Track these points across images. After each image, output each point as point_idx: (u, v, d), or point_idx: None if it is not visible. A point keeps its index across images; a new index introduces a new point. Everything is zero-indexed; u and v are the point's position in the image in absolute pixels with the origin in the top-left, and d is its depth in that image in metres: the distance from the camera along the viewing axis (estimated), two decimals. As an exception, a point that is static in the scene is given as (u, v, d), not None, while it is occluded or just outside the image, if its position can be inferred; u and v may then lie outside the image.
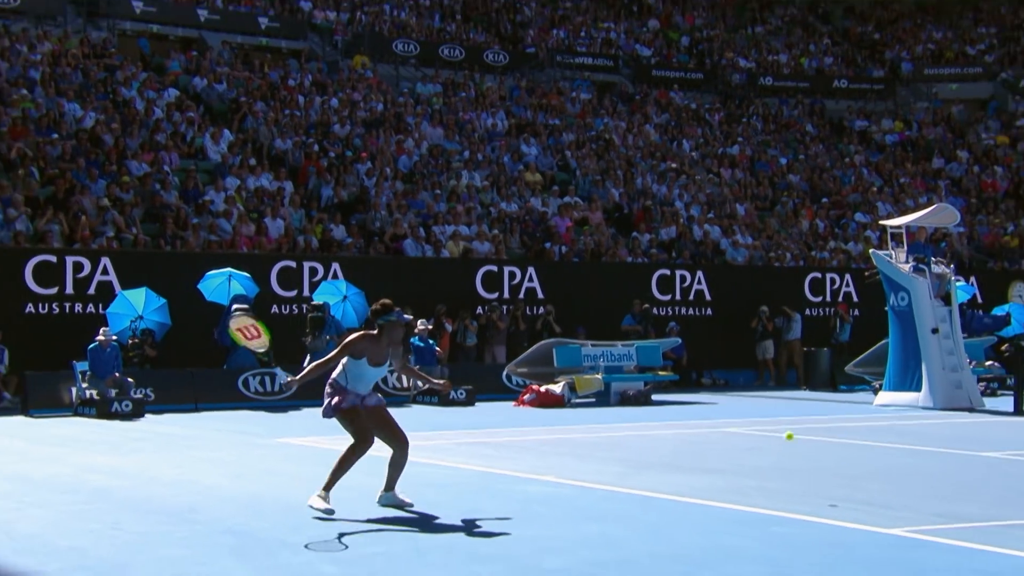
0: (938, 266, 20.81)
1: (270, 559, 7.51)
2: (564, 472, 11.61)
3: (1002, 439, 14.99)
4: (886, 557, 7.53)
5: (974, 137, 40.65)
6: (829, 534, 8.34)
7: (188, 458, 13.17)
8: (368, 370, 9.04)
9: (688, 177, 32.78)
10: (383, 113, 31.12)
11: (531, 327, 24.72)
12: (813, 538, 8.19)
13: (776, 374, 26.86)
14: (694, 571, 7.07)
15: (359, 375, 9.05)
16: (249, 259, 22.68)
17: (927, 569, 7.14)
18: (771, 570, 7.11)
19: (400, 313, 9.18)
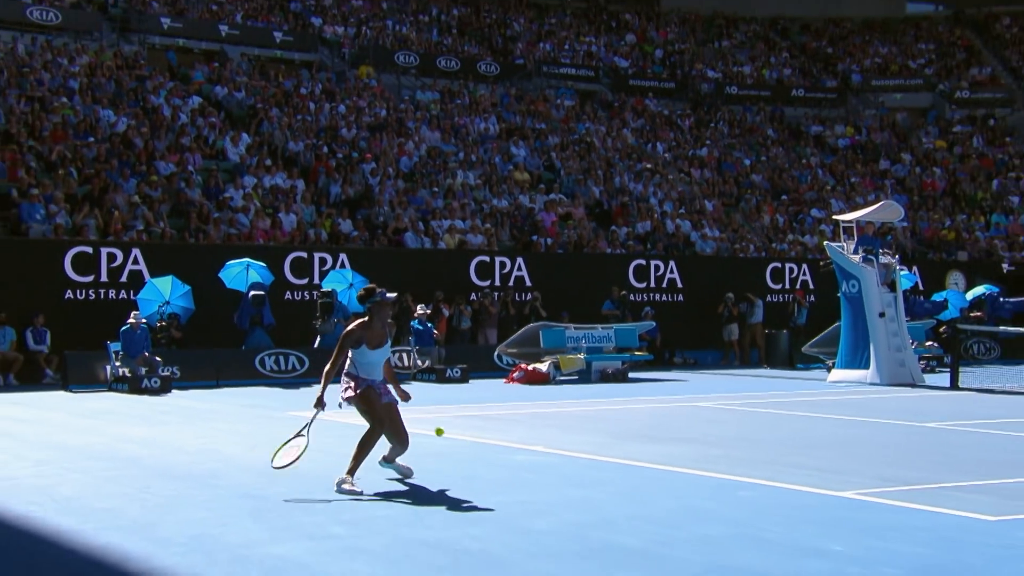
0: (884, 257, 20.80)
1: (284, 520, 7.49)
2: (550, 442, 11.60)
3: (940, 411, 15.02)
4: (837, 517, 7.54)
5: (916, 141, 40.70)
6: (787, 497, 8.34)
7: (210, 429, 13.15)
8: (371, 354, 8.81)
9: (661, 176, 32.76)
10: (386, 118, 31.01)
11: (520, 312, 24.70)
12: (773, 501, 8.19)
13: (740, 354, 26.89)
14: (667, 531, 7.07)
15: (366, 362, 8.81)
16: (265, 250, 22.62)
17: (873, 527, 7.14)
18: (736, 530, 7.11)
19: (383, 293, 8.91)
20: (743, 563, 6.20)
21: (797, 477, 9.16)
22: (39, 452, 11.12)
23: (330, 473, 9.58)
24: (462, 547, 6.62)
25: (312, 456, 10.72)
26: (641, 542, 6.73)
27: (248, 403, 16.60)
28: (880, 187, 36.00)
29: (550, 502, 8.08)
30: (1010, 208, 36.33)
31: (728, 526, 7.22)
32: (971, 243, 33.88)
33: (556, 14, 44.40)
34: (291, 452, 8.65)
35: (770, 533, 7.00)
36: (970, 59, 46.14)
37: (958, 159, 39.49)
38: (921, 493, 8.35)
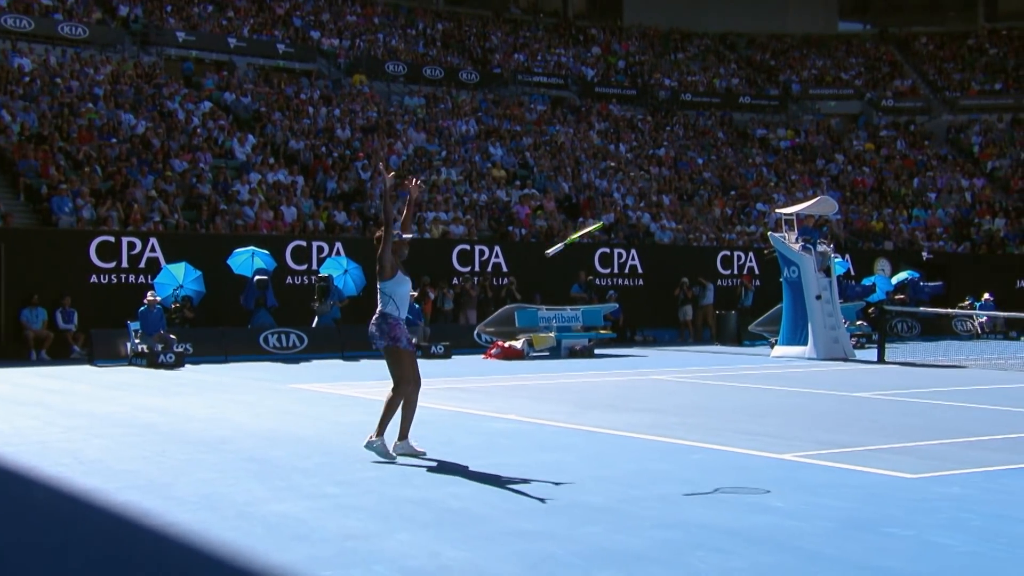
0: (821, 246, 20.87)
1: (284, 481, 7.43)
2: (523, 412, 11.57)
3: (869, 383, 15.10)
4: (780, 476, 7.55)
5: (848, 144, 40.85)
6: (735, 459, 8.35)
7: (219, 400, 13.06)
8: (406, 282, 8.11)
9: (624, 173, 32.73)
10: (377, 121, 30.83)
11: (497, 295, 24.65)
12: (722, 463, 8.20)
13: (694, 332, 26.95)
14: (627, 490, 7.06)
15: (401, 292, 8.04)
16: (268, 239, 22.50)
17: (811, 485, 7.16)
18: (689, 488, 7.11)
19: (400, 235, 8.19)
20: (694, 518, 6.20)
21: (743, 442, 9.18)
22: (67, 419, 11.01)
23: (327, 439, 9.54)
24: (445, 505, 6.59)
25: (309, 423, 10.69)
26: (604, 500, 6.72)
27: (253, 376, 16.51)
28: (817, 184, 36.11)
29: (523, 465, 8.05)
30: (928, 203, 36.60)
31: (681, 485, 7.22)
32: (896, 234, 34.10)
33: (530, 28, 44.23)
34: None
35: (719, 492, 7.00)
36: (894, 72, 46.33)
37: (884, 160, 39.68)
38: (852, 455, 8.38)
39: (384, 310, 8.11)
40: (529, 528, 5.97)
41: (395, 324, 8.07)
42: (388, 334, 8.05)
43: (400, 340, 8.06)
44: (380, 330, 8.08)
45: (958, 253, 33.59)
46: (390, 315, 8.08)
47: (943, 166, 39.33)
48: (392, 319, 8.08)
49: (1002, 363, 18.95)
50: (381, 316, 8.10)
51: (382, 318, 8.09)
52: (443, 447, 8.88)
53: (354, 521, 6.17)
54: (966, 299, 28.74)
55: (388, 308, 8.10)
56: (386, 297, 8.13)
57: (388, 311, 8.09)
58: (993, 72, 45.31)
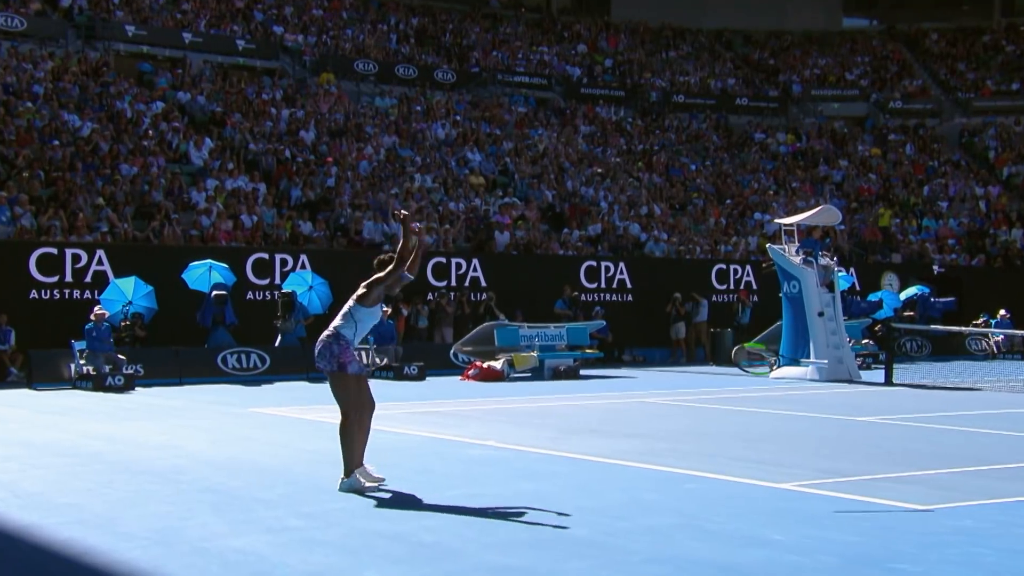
0: (823, 259, 21.03)
1: (244, 514, 7.42)
2: (503, 437, 11.59)
3: (875, 406, 15.21)
4: (779, 507, 7.60)
5: (852, 149, 41.19)
6: (731, 489, 8.39)
7: (173, 426, 13.00)
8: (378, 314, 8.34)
9: (611, 181, 32.87)
10: (345, 123, 30.86)
11: (475, 311, 24.68)
12: (718, 493, 8.24)
13: (687, 352, 27.04)
14: (615, 522, 7.09)
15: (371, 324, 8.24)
16: (227, 252, 22.45)
17: (812, 516, 7.21)
18: (682, 520, 7.14)
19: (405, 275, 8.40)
20: (687, 552, 6.23)
21: (740, 470, 9.23)
22: (2, 449, 10.93)
23: (291, 468, 9.52)
24: (417, 539, 6.60)
25: (271, 451, 10.66)
26: (590, 533, 6.74)
27: (210, 400, 16.45)
28: (819, 192, 36.37)
29: (503, 495, 8.07)
30: (940, 213, 36.90)
31: (673, 517, 7.26)
32: (904, 246, 34.35)
33: (510, 24, 44.40)
34: None
35: (713, 524, 7.05)
36: (902, 72, 46.76)
37: (892, 166, 40.02)
38: (857, 484, 8.44)
39: (340, 331, 8.17)
40: (509, 563, 5.99)
41: (346, 347, 8.15)
42: (337, 358, 8.12)
43: (348, 366, 8.14)
44: (329, 351, 8.14)
45: (972, 266, 33.86)
46: (344, 336, 8.15)
47: (955, 172, 39.68)
48: (344, 341, 8.15)
49: (1018, 385, 19.11)
50: (334, 335, 8.15)
51: (335, 338, 8.14)
52: (416, 476, 8.89)
53: (320, 556, 6.17)
54: (980, 316, 28.96)
55: (345, 330, 8.17)
56: (352, 321, 8.21)
57: (344, 332, 8.16)
58: (1009, 71, 45.79)
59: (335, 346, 8.12)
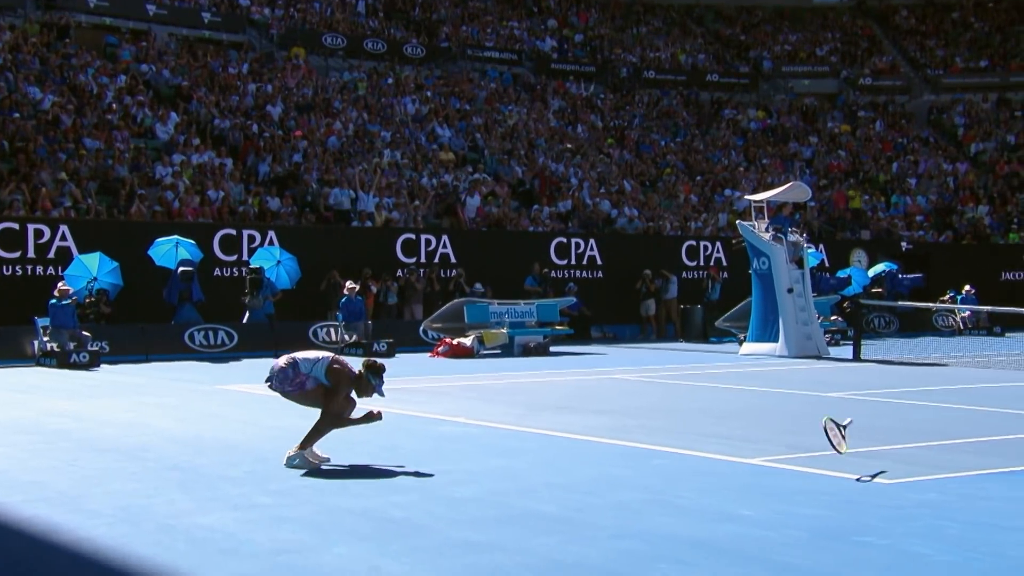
0: (793, 235, 21.14)
1: (211, 491, 7.40)
2: (473, 414, 11.61)
3: (843, 382, 15.35)
4: (747, 483, 7.66)
5: (822, 126, 41.39)
6: (699, 464, 8.45)
7: (139, 403, 12.92)
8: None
9: (582, 157, 32.86)
10: (313, 98, 30.64)
11: (444, 288, 24.65)
12: (686, 468, 8.30)
13: (657, 328, 27.15)
14: (584, 498, 7.12)
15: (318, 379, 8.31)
16: (194, 228, 22.29)
17: (781, 491, 7.27)
18: (651, 496, 7.19)
19: (381, 386, 8.49)
20: (655, 528, 6.27)
21: (709, 445, 9.29)
22: (-35, 427, 10.83)
23: (259, 445, 9.50)
24: (386, 515, 6.60)
25: (238, 428, 10.63)
26: (559, 509, 6.77)
27: (177, 377, 16.36)
28: (789, 168, 36.54)
29: (472, 471, 8.09)
30: (908, 189, 37.19)
31: (642, 493, 7.30)
32: (873, 223, 34.61)
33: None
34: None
35: (682, 499, 7.09)
36: (872, 48, 46.99)
37: (861, 142, 40.26)
38: (825, 459, 8.51)
39: (299, 363, 8.28)
40: (477, 539, 6.01)
41: (300, 374, 8.27)
42: (292, 380, 8.27)
43: (306, 384, 8.27)
44: (286, 376, 8.28)
45: (939, 243, 34.20)
46: (300, 369, 8.26)
47: (924, 149, 40.00)
48: (299, 371, 8.26)
49: (984, 361, 19.35)
50: (293, 364, 8.29)
51: (293, 366, 8.28)
52: (386, 452, 8.89)
53: (287, 534, 6.16)
54: (947, 293, 29.27)
55: (303, 367, 8.28)
56: (314, 370, 8.27)
57: (302, 367, 8.27)
58: (978, 48, 46.13)
59: (290, 371, 8.29)
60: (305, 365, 8.29)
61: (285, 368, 8.31)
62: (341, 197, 25.33)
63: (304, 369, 8.28)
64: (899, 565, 5.50)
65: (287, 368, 8.31)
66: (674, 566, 5.47)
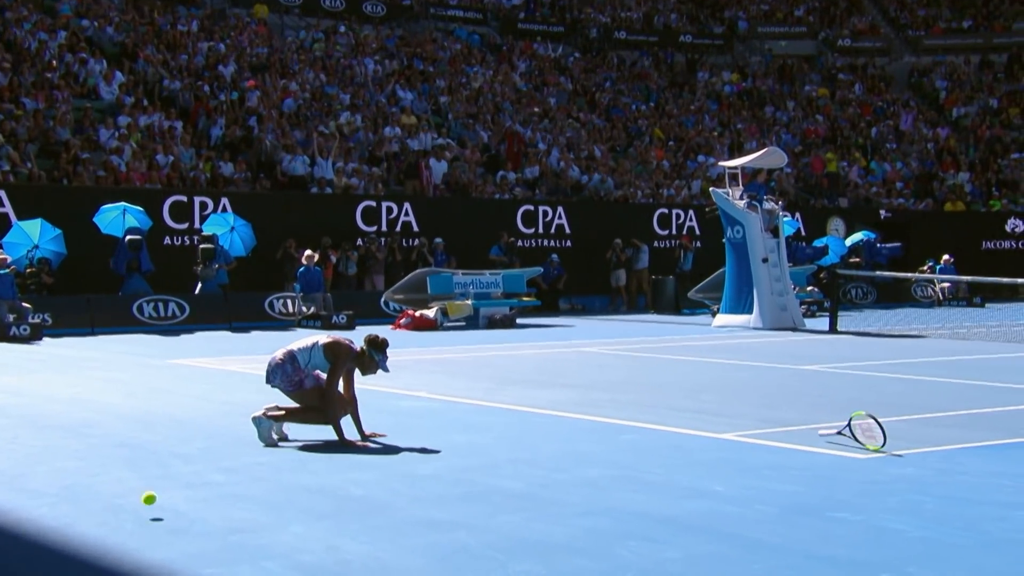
0: (768, 203, 21.24)
1: (161, 469, 7.36)
2: (436, 388, 11.63)
3: (819, 354, 15.49)
4: (719, 458, 7.73)
5: (799, 89, 41.50)
6: (670, 440, 8.52)
7: (84, 378, 12.82)
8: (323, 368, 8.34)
9: (550, 121, 32.80)
10: (268, 58, 30.33)
11: (407, 257, 24.59)
12: (656, 443, 8.36)
13: (627, 299, 27.24)
14: (550, 474, 7.16)
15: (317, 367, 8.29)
16: (142, 193, 22.08)
17: (754, 467, 7.34)
18: (618, 472, 7.23)
19: (385, 361, 8.39)
20: (625, 504, 6.32)
21: (680, 420, 9.36)
22: (-101, 403, 10.70)
23: (211, 421, 9.47)
24: (345, 492, 6.61)
25: (190, 403, 10.58)
26: (524, 485, 6.81)
27: (125, 350, 16.25)
28: (765, 133, 36.65)
29: (434, 448, 8.11)
30: (887, 155, 37.41)
31: (611, 469, 7.35)
32: (851, 190, 34.81)
33: (444, -47, 43.79)
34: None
35: (652, 475, 7.15)
36: (851, 8, 47.09)
37: (839, 106, 40.42)
38: (799, 434, 8.60)
39: (296, 355, 8.27)
40: (440, 517, 6.03)
41: (299, 368, 8.28)
42: (290, 378, 8.28)
43: (304, 382, 8.30)
44: (284, 372, 8.28)
45: (919, 211, 34.49)
46: (298, 362, 8.26)
47: (904, 113, 40.21)
48: (298, 365, 8.26)
49: (964, 332, 19.59)
50: (290, 358, 8.29)
51: (290, 360, 8.28)
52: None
53: (242, 512, 6.15)
54: (927, 263, 29.56)
55: (300, 358, 8.26)
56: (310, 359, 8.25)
57: (298, 358, 8.26)
58: (961, 8, 46.36)
59: (288, 366, 8.29)
60: (303, 356, 8.27)
61: (283, 364, 8.30)
62: (296, 162, 25.14)
63: (302, 362, 8.26)
64: (873, 541, 5.58)
65: (285, 363, 8.30)
66: (643, 543, 5.51)
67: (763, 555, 5.34)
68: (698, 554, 5.37)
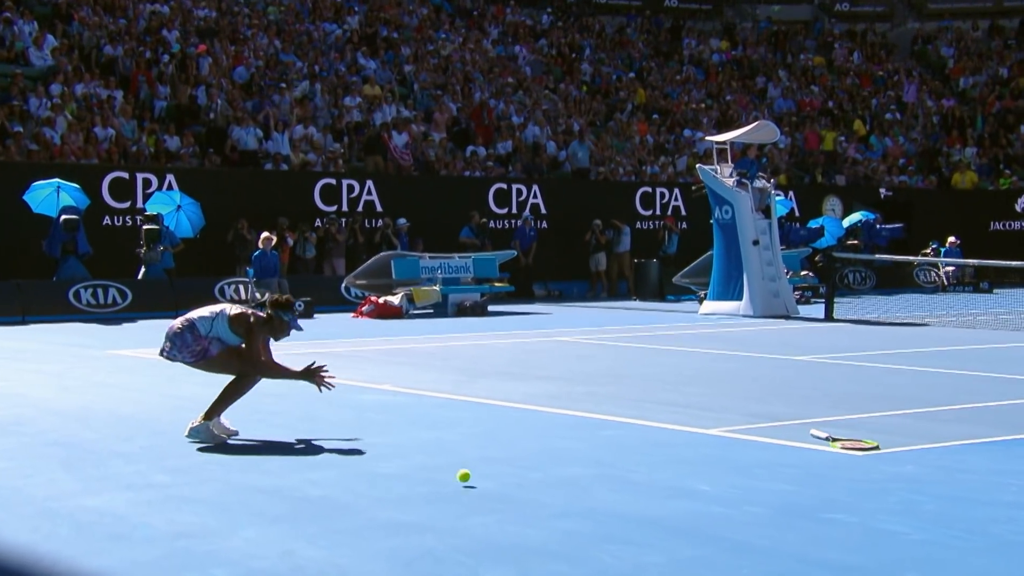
0: (760, 181, 21.32)
1: (100, 469, 7.33)
2: (401, 381, 11.62)
3: (813, 344, 15.58)
4: (705, 455, 7.77)
5: (794, 58, 41.61)
6: (653, 435, 8.55)
7: (14, 371, 12.74)
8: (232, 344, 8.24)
9: (524, 93, 32.77)
10: (217, 22, 30.13)
11: (369, 240, 24.55)
12: (638, 440, 8.39)
13: (607, 285, 27.31)
14: (525, 472, 7.18)
15: (225, 340, 8.19)
16: (78, 169, 21.95)
17: (741, 465, 7.39)
18: (598, 471, 7.26)
19: (295, 320, 8.32)
20: (604, 505, 6.34)
21: (664, 415, 9.40)
22: None
23: (155, 417, 9.44)
24: (302, 493, 6.60)
25: (132, 398, 10.54)
26: (497, 485, 6.82)
27: (60, 341, 16.16)
28: (757, 106, 36.76)
29: (399, 445, 8.11)
30: (888, 128, 37.53)
31: (590, 467, 7.37)
32: (848, 166, 34.97)
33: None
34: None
35: (634, 473, 7.18)
36: (851, -31, 47.26)
37: (837, 76, 40.58)
38: (791, 429, 8.66)
39: (197, 324, 8.14)
40: (404, 520, 6.03)
41: (201, 338, 8.13)
42: (191, 348, 8.13)
43: (208, 350, 8.15)
44: (183, 342, 8.14)
45: (922, 189, 34.71)
46: (199, 331, 8.12)
47: (907, 83, 40.40)
48: (199, 334, 8.12)
49: (970, 320, 19.76)
50: (190, 326, 8.15)
51: (189, 328, 8.14)
52: (302, 424, 8.88)
53: (188, 516, 6.14)
54: (930, 245, 29.76)
55: (201, 327, 8.13)
56: (214, 329, 8.13)
57: (199, 328, 8.13)
58: (968, -31, 46.57)
59: (188, 336, 8.14)
60: (203, 325, 8.15)
61: (181, 332, 8.16)
62: (246, 137, 25.03)
63: (203, 330, 8.15)
64: (869, 544, 5.63)
65: (183, 332, 8.15)
66: (624, 547, 5.54)
67: (752, 559, 5.38)
68: (683, 558, 5.40)
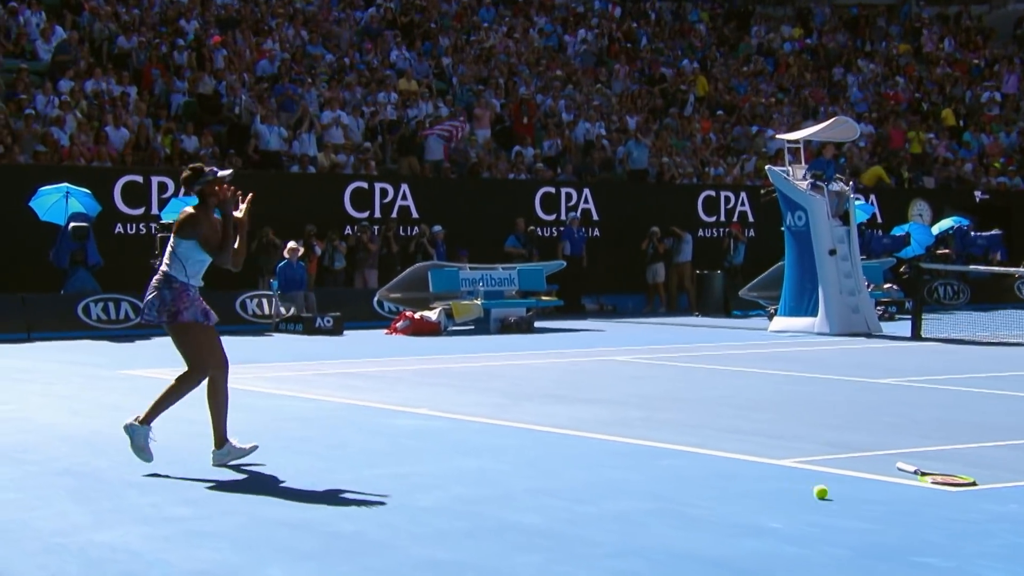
0: (837, 184, 21.19)
1: (114, 501, 7.40)
2: (438, 404, 11.64)
3: (898, 365, 15.45)
4: (776, 488, 7.72)
5: (876, 46, 41.28)
6: (717, 466, 8.51)
7: (19, 392, 12.88)
8: (204, 256, 8.26)
9: (574, 87, 32.79)
10: (239, 12, 30.42)
11: (404, 249, 24.63)
12: (701, 471, 8.36)
13: (667, 299, 27.22)
14: (575, 507, 7.17)
15: (200, 261, 8.22)
16: (89, 173, 22.19)
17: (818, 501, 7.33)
18: (656, 505, 7.24)
19: (215, 171, 8.33)
20: (664, 543, 6.33)
21: (729, 443, 9.36)
22: None
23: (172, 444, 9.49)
24: (332, 528, 6.64)
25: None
26: (544, 520, 6.82)
27: (68, 360, 16.32)
28: (835, 100, 36.54)
29: (437, 474, 8.12)
30: (985, 125, 37.04)
31: (646, 500, 7.35)
32: (939, 167, 34.64)
33: None
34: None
35: (696, 508, 7.15)
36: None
37: (926, 66, 40.20)
38: (873, 461, 8.58)
39: (169, 271, 8.23)
40: (444, 558, 6.05)
41: (181, 292, 8.21)
42: (168, 306, 8.19)
43: (182, 313, 8.19)
44: (161, 299, 8.21)
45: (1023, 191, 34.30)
46: (175, 279, 8.20)
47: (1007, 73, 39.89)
48: (178, 284, 8.20)
49: (1073, 339, 19.52)
50: (164, 279, 8.22)
51: (165, 282, 8.21)
52: (331, 451, 8.92)
53: (209, 552, 6.18)
54: (1031, 254, 29.43)
55: (174, 271, 8.22)
56: (176, 259, 8.22)
57: (173, 273, 8.22)
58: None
59: (166, 291, 8.20)
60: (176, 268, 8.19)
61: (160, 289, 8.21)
62: (271, 135, 25.20)
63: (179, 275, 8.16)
64: (964, 589, 5.58)
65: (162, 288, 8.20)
66: (686, 590, 5.53)
67: (830, 604, 5.34)
68: (752, 603, 5.38)
